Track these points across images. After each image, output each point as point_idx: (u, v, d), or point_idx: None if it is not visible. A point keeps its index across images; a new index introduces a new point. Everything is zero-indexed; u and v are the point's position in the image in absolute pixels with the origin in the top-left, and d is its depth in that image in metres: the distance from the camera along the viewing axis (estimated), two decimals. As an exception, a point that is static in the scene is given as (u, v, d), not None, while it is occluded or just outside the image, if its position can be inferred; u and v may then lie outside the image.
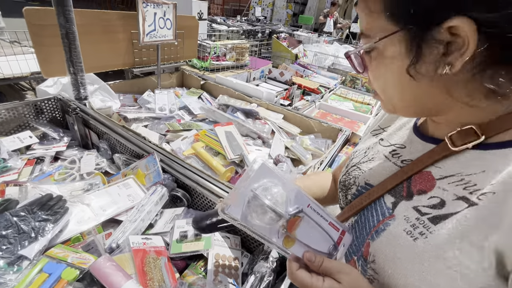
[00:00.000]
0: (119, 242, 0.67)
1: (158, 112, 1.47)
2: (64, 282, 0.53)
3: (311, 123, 1.51)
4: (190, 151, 1.11)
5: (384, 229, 0.39)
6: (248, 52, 2.24)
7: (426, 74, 0.33)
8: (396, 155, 0.45)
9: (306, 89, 2.27)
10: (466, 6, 0.28)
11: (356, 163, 0.52)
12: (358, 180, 0.49)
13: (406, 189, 0.40)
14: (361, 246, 0.43)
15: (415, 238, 0.35)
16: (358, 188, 0.49)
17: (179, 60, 1.85)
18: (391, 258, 0.37)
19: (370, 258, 0.40)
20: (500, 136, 0.33)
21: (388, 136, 0.50)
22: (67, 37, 1.08)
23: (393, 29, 0.33)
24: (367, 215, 0.44)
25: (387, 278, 0.37)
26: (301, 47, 3.36)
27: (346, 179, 0.52)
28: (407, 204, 0.38)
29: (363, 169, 0.50)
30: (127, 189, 0.87)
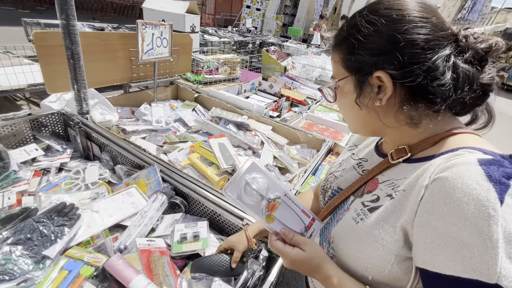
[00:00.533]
0: (127, 244, 0.76)
1: (155, 124, 1.57)
2: (82, 277, 0.62)
3: (298, 134, 1.64)
4: (186, 162, 1.21)
5: (341, 218, 0.54)
6: (239, 65, 2.37)
7: (367, 105, 0.48)
8: (360, 166, 0.60)
9: (294, 101, 2.42)
10: (383, 65, 0.43)
11: (333, 172, 0.67)
12: (333, 185, 0.63)
13: (362, 191, 0.54)
14: (328, 233, 0.57)
15: (357, 222, 0.49)
16: (333, 191, 0.63)
17: (174, 74, 1.96)
18: (343, 238, 0.51)
19: (331, 240, 0.54)
20: (420, 153, 0.47)
21: (358, 152, 0.64)
22: (72, 58, 1.18)
23: (346, 74, 0.49)
24: (337, 211, 0.58)
25: (340, 252, 0.51)
26: (289, 60, 3.53)
27: (325, 184, 0.67)
28: (358, 200, 0.52)
29: (337, 176, 0.64)
30: (130, 197, 0.96)
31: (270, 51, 3.47)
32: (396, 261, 0.43)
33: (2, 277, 0.56)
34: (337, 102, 0.54)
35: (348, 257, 0.49)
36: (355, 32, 0.46)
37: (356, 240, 0.48)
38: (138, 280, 0.62)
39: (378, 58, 0.44)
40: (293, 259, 0.48)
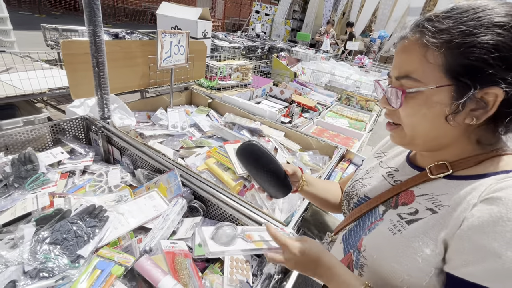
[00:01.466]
0: (151, 245, 0.80)
1: (171, 129, 1.62)
2: (114, 277, 0.66)
3: (310, 140, 1.66)
4: (203, 166, 1.25)
5: (374, 227, 0.54)
6: (251, 71, 2.42)
7: (458, 121, 0.43)
8: (390, 176, 0.59)
9: (304, 106, 2.44)
10: (505, 82, 0.39)
11: (359, 178, 0.66)
12: (359, 192, 0.63)
13: (395, 202, 0.54)
14: (357, 242, 0.57)
15: (394, 233, 0.49)
16: (359, 198, 0.62)
17: (188, 80, 2.02)
18: (378, 248, 0.51)
19: (362, 248, 0.54)
20: (463, 171, 0.48)
21: (387, 160, 0.63)
22: (97, 66, 1.24)
23: (447, 82, 0.42)
24: (364, 220, 0.58)
25: (374, 261, 0.51)
26: (299, 65, 3.57)
27: (350, 191, 0.66)
28: (393, 212, 0.52)
29: (364, 184, 0.63)
30: (152, 200, 1.00)
31: (280, 56, 3.51)
32: (435, 273, 0.44)
33: (42, 274, 0.60)
34: (406, 109, 0.47)
35: (382, 267, 0.50)
36: (485, 35, 0.38)
37: (393, 251, 0.48)
38: (166, 281, 0.65)
39: (507, 74, 0.38)
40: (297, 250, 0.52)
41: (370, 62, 5.95)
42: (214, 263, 0.87)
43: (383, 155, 0.67)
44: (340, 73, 3.99)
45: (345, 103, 2.87)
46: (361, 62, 5.95)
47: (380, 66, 5.99)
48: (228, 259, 0.86)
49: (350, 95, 2.85)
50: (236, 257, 0.88)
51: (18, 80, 1.74)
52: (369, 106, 2.77)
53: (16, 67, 2.02)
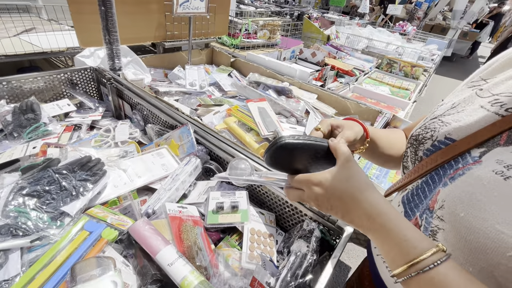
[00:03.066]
0: (155, 208, 0.65)
1: (189, 87, 1.45)
2: (104, 241, 0.52)
3: (348, 104, 1.41)
4: (222, 126, 1.07)
5: (462, 173, 0.35)
6: (279, 30, 2.14)
7: None
8: (497, 104, 0.38)
9: (339, 71, 2.14)
10: None
11: (438, 115, 0.44)
12: (437, 133, 0.42)
13: (506, 138, 0.34)
14: (427, 200, 0.39)
15: (507, 177, 0.30)
16: (435, 143, 0.42)
17: (209, 36, 1.80)
18: (467, 201, 0.32)
19: (438, 205, 0.35)
20: None
21: (491, 87, 0.41)
22: (104, 4, 1.06)
23: None
24: (441, 172, 0.39)
25: (457, 222, 0.33)
26: (333, 28, 3.17)
27: (421, 133, 0.45)
28: (503, 150, 0.33)
29: (446, 122, 0.42)
30: (161, 158, 0.85)
31: (312, 18, 3.13)
32: None
33: (15, 231, 0.48)
34: None
35: (477, 230, 0.31)
36: None
37: (502, 204, 0.30)
38: (167, 252, 0.50)
39: None
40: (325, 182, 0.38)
41: (414, 29, 5.27)
42: (231, 235, 0.72)
43: (483, 82, 0.44)
44: (378, 39, 3.52)
45: (386, 70, 2.50)
46: (403, 29, 5.28)
47: (424, 34, 5.27)
48: (248, 231, 0.70)
49: (393, 60, 2.47)
50: (258, 229, 0.72)
51: (37, 40, 1.66)
52: (415, 73, 2.39)
53: (35, 29, 1.96)
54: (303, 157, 0.42)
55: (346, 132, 0.48)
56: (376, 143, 0.56)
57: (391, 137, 0.60)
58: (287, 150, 0.41)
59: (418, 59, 3.18)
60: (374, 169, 0.97)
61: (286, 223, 0.79)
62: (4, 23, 1.85)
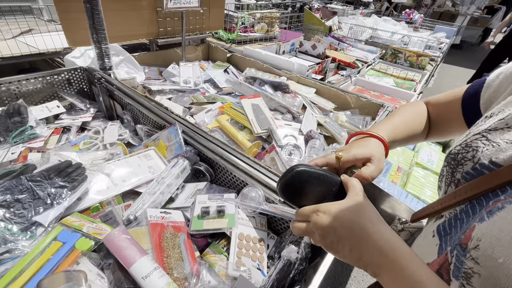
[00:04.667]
0: (137, 214, 0.62)
1: (183, 85, 1.41)
2: (78, 252, 0.50)
3: (348, 98, 1.35)
4: (214, 124, 1.03)
5: (502, 207, 0.28)
6: (278, 22, 2.07)
7: None
8: None
9: (341, 63, 2.07)
10: None
11: (482, 131, 0.36)
12: (480, 154, 0.35)
13: None
14: (461, 234, 0.32)
15: None
16: (476, 166, 0.35)
17: (204, 31, 1.75)
18: (506, 243, 0.26)
19: (472, 244, 0.29)
20: None
21: None
22: (89, 1, 1.03)
23: None
24: (481, 202, 0.33)
25: (495, 269, 0.27)
26: (335, 19, 3.07)
27: (460, 151, 0.38)
28: None
29: (493, 141, 0.34)
30: (148, 160, 0.82)
31: (313, 9, 3.04)
32: None
33: (-18, 244, 0.45)
34: None
35: (506, 280, 0.26)
36: None
37: None
38: (142, 263, 0.47)
39: None
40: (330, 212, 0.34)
41: (421, 17, 5.08)
42: (219, 240, 0.68)
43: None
44: (383, 28, 3.39)
45: (391, 61, 2.41)
46: (409, 17, 5.11)
47: (432, 21, 5.08)
48: (236, 237, 0.66)
49: (398, 50, 2.37)
50: (247, 234, 0.68)
51: (34, 41, 1.65)
52: (421, 63, 2.29)
53: (35, 30, 1.94)
54: (316, 189, 0.41)
55: (369, 169, 0.43)
56: (395, 141, 0.51)
57: (410, 124, 0.54)
58: (302, 178, 0.40)
59: (425, 48, 3.05)
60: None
61: (279, 226, 0.76)
62: (9, 24, 1.84)
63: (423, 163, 0.96)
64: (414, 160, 0.99)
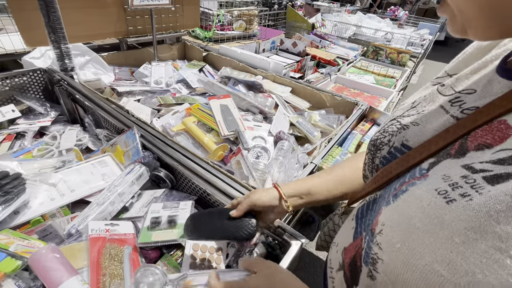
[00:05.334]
0: (79, 228, 0.58)
1: (154, 85, 1.36)
2: (1, 274, 0.45)
3: (323, 97, 1.32)
4: (180, 127, 0.99)
5: (405, 190, 0.29)
6: (257, 20, 2.03)
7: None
8: (456, 103, 0.31)
9: (321, 60, 2.04)
10: None
11: (397, 116, 0.38)
12: (395, 138, 0.36)
13: (458, 147, 0.27)
14: (373, 218, 0.34)
15: (450, 200, 0.24)
16: (391, 150, 0.36)
17: (179, 29, 1.70)
18: (404, 228, 0.26)
19: (378, 229, 0.30)
20: None
21: (455, 82, 0.34)
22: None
23: None
24: (395, 183, 0.33)
25: (393, 254, 0.27)
26: (318, 16, 3.05)
27: (379, 137, 0.39)
28: (453, 162, 0.27)
29: (404, 124, 0.36)
30: (102, 167, 0.77)
31: (296, 6, 3.01)
32: None
33: None
34: None
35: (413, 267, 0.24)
36: None
37: (440, 236, 0.23)
38: (69, 285, 0.43)
39: None
40: None
41: (406, 14, 5.12)
42: (173, 251, 0.64)
43: (447, 77, 0.38)
44: (367, 25, 3.39)
45: (372, 58, 2.40)
46: (394, 14, 5.14)
47: (417, 18, 5.12)
48: (190, 248, 0.62)
49: (379, 47, 2.36)
50: (203, 244, 0.64)
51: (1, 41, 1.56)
52: (402, 60, 2.29)
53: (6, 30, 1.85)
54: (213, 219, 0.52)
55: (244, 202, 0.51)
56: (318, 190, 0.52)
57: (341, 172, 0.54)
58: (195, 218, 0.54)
59: (408, 45, 3.07)
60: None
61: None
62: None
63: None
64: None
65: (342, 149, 1.00)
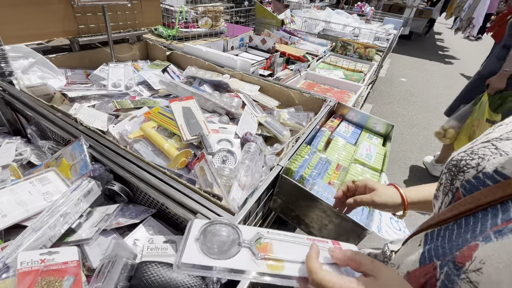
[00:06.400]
0: (7, 261, 0.49)
1: (111, 88, 1.25)
2: None
3: (292, 94, 1.30)
4: (137, 133, 0.91)
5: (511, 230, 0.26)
6: (223, 16, 1.96)
7: None
8: None
9: (290, 57, 2.02)
10: None
11: (492, 139, 0.34)
12: (486, 163, 0.32)
13: None
14: (454, 249, 0.30)
15: None
16: (479, 175, 0.32)
17: (139, 27, 1.59)
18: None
19: (472, 265, 0.27)
20: None
21: None
22: (-37, -7, 0.84)
23: None
24: (480, 218, 0.30)
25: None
26: (287, 12, 3.04)
27: (464, 158, 0.35)
28: None
29: (502, 149, 0.32)
30: (43, 185, 0.68)
31: (264, 2, 2.97)
32: None
33: None
34: None
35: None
36: None
37: None
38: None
39: None
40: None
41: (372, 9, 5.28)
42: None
43: None
44: (336, 21, 3.44)
45: (341, 53, 2.43)
46: (361, 10, 5.29)
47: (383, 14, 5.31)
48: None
49: (347, 42, 2.39)
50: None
51: None
52: (369, 54, 2.34)
53: None
54: None
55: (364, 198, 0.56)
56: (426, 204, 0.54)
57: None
58: None
59: (374, 39, 3.16)
60: (311, 168, 0.87)
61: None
62: None
63: (361, 159, 0.93)
64: (354, 156, 0.96)
65: (310, 148, 0.98)
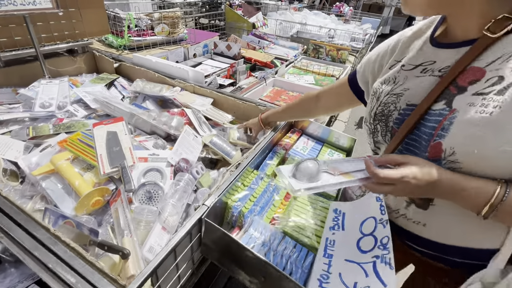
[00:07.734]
0: None
1: (38, 109, 1.09)
2: None
3: (247, 107, 1.17)
4: (46, 168, 0.75)
5: (451, 122, 0.43)
6: (182, 21, 1.82)
7: None
8: (428, 70, 0.50)
9: (257, 63, 1.90)
10: None
11: (389, 91, 0.55)
12: (399, 104, 0.53)
13: (455, 88, 0.45)
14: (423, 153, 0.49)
15: (491, 113, 0.40)
16: (400, 111, 0.53)
17: (81, 37, 1.43)
18: (475, 139, 0.41)
19: (447, 152, 0.44)
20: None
21: (409, 60, 0.53)
22: None
23: None
24: (418, 132, 0.50)
25: (474, 159, 0.42)
26: (259, 15, 2.92)
27: (384, 109, 0.55)
28: (463, 96, 0.43)
29: (399, 93, 0.53)
30: None
31: (234, 5, 2.84)
32: None
33: None
34: None
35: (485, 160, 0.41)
36: None
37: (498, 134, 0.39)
38: None
39: None
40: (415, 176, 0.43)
41: (351, 10, 5.25)
42: None
43: (396, 63, 0.57)
44: (313, 23, 3.35)
45: (313, 56, 2.33)
46: (339, 10, 5.25)
47: (362, 13, 5.29)
48: None
49: (319, 45, 2.29)
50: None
51: None
52: (342, 57, 2.24)
53: None
54: None
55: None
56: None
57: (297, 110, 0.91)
58: None
59: (351, 40, 3.08)
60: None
61: None
62: None
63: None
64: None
65: (258, 173, 0.84)
